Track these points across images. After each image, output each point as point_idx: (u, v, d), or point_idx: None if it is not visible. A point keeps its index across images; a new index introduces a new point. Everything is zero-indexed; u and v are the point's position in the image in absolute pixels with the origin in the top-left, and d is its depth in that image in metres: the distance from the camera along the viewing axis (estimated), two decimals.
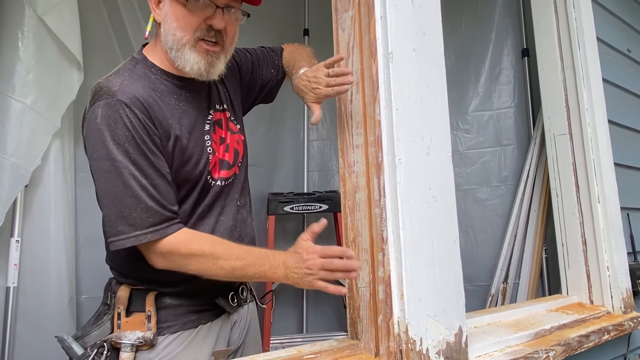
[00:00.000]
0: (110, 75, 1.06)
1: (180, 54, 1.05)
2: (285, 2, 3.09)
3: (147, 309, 1.08)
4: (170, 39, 1.05)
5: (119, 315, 1.09)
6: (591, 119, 1.75)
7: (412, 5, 1.11)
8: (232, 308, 1.20)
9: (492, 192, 2.56)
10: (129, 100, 0.99)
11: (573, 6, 1.83)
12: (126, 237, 0.97)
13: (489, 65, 2.65)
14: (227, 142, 1.21)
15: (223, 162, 1.19)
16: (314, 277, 0.96)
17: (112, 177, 0.97)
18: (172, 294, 1.11)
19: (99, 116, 0.97)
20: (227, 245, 1.04)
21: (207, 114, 1.17)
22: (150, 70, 1.09)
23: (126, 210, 0.97)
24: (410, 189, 1.02)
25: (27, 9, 1.77)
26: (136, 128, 0.98)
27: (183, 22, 1.03)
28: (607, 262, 1.67)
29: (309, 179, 3.10)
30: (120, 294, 1.10)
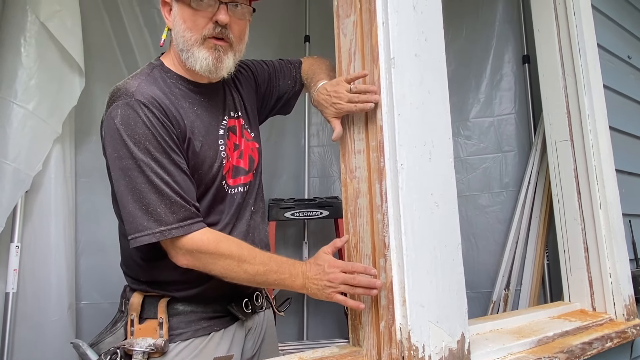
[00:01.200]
0: (127, 79, 1.09)
1: (190, 53, 1.08)
2: (286, 9, 3.11)
3: (159, 316, 1.08)
4: (180, 41, 1.09)
5: (132, 322, 1.10)
6: (592, 126, 1.75)
7: (413, 10, 1.11)
8: (245, 315, 1.19)
9: (494, 199, 2.56)
10: (146, 100, 1.01)
11: (574, 13, 1.83)
12: (152, 233, 0.98)
13: (490, 71, 2.66)
14: (242, 149, 1.22)
15: (238, 169, 1.20)
16: (334, 290, 1.00)
17: (136, 175, 0.98)
18: (185, 299, 1.11)
19: (119, 116, 0.99)
20: (251, 249, 1.05)
21: (222, 119, 1.19)
22: (166, 74, 1.12)
23: (151, 206, 0.98)
24: (412, 195, 1.01)
25: (30, 15, 1.78)
26: (155, 126, 1.00)
27: (190, 23, 1.07)
28: (609, 268, 1.66)
29: (310, 185, 3.09)
30: (133, 300, 1.11)
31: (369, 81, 1.10)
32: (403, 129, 1.03)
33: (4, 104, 1.73)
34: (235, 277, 1.03)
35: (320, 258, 1.03)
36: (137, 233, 0.98)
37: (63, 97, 1.88)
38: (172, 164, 1.01)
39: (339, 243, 1.06)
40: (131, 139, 0.98)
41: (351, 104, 1.10)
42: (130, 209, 0.99)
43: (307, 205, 2.71)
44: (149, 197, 0.98)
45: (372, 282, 0.98)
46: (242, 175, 1.20)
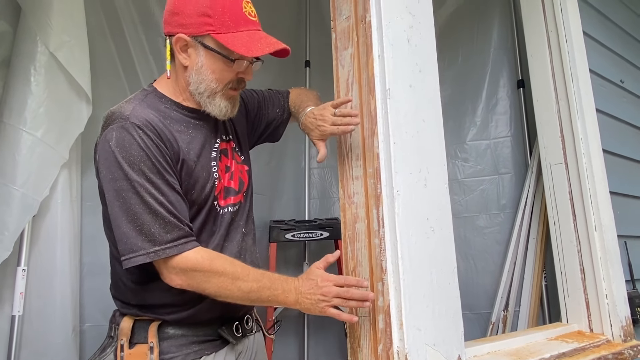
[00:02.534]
0: (121, 103, 1.12)
1: (212, 99, 1.14)
2: (287, 34, 3.18)
3: (149, 340, 1.08)
4: (203, 87, 1.12)
5: (122, 347, 1.09)
6: (586, 149, 1.79)
7: (408, 44, 1.16)
8: (236, 338, 1.19)
9: (491, 220, 2.59)
10: (141, 122, 1.03)
11: (565, 40, 1.89)
12: (146, 253, 0.98)
13: (486, 96, 2.71)
14: (232, 171, 1.25)
15: (229, 189, 1.22)
16: (327, 304, 1.02)
17: (130, 196, 0.99)
18: (176, 323, 1.11)
19: (114, 138, 1.01)
20: (244, 266, 1.07)
21: (214, 142, 1.22)
22: (160, 100, 1.15)
23: (145, 226, 0.99)
24: (408, 220, 1.05)
25: (40, 46, 1.84)
26: (150, 148, 1.02)
27: (220, 75, 1.12)
28: (605, 290, 1.68)
29: (310, 206, 3.13)
30: (124, 325, 1.10)
31: (365, 111, 1.15)
32: (399, 157, 1.07)
33: (14, 131, 1.78)
34: (229, 296, 1.04)
35: (312, 273, 1.05)
36: (132, 253, 0.99)
37: (71, 124, 1.93)
38: (166, 184, 1.03)
39: (331, 258, 1.08)
40: (126, 160, 1.00)
41: (334, 126, 1.19)
42: (124, 230, 1.00)
43: (307, 226, 2.74)
44: (143, 217, 0.99)
45: (365, 294, 1.02)
46: (232, 196, 1.23)
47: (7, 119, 1.80)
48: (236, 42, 1.07)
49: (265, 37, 1.12)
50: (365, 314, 1.09)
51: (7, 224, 1.72)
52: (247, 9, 1.11)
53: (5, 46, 1.94)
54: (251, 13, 1.12)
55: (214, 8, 1.07)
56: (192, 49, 1.11)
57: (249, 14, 1.11)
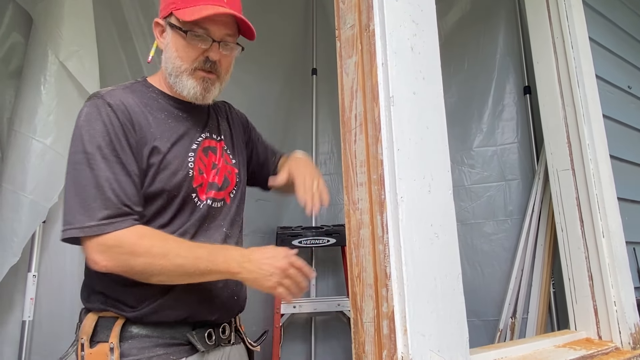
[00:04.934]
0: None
1: (179, 79, 1.14)
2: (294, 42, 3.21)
3: (110, 340, 1.02)
4: (170, 66, 1.14)
5: (82, 346, 1.03)
6: (593, 155, 1.78)
7: (411, 51, 1.17)
8: (206, 346, 1.11)
9: (498, 227, 2.58)
10: (113, 101, 1.05)
11: (571, 46, 1.89)
12: (80, 227, 0.96)
13: (492, 102, 2.72)
14: (219, 168, 1.24)
15: (212, 184, 1.21)
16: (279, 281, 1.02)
17: (82, 169, 0.99)
18: (140, 321, 1.05)
19: (83, 114, 1.04)
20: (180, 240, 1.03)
21: (198, 136, 1.21)
22: (148, 89, 1.17)
23: (88, 199, 0.97)
24: (412, 226, 1.05)
25: (50, 55, 1.87)
26: (113, 125, 1.03)
27: (182, 53, 1.12)
28: (613, 297, 1.67)
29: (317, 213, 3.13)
30: (86, 322, 1.06)
31: (369, 118, 1.16)
32: (402, 163, 1.08)
33: (24, 139, 1.82)
34: (160, 272, 0.97)
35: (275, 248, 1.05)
36: (68, 225, 0.96)
37: None
38: (119, 163, 1.01)
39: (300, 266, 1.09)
40: (87, 134, 1.01)
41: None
42: (70, 202, 0.98)
43: (314, 233, 2.75)
44: (87, 190, 0.97)
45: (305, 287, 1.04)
46: (214, 190, 1.21)
47: (17, 127, 1.83)
48: (187, 13, 1.08)
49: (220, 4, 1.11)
50: (369, 320, 1.09)
51: (16, 230, 1.75)
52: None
53: (17, 56, 1.99)
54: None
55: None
56: (165, 30, 1.14)
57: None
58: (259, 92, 2.88)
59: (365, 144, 1.17)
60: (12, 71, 1.99)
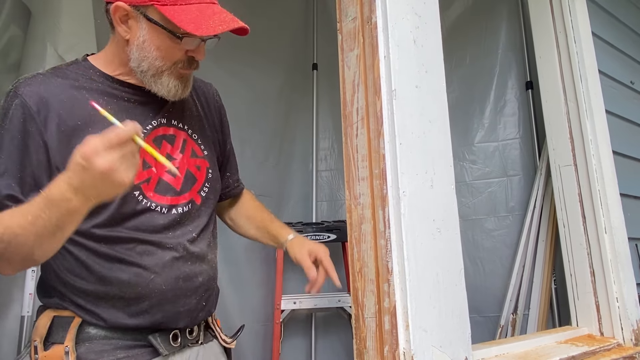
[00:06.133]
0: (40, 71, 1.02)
1: (157, 79, 1.02)
2: (294, 37, 3.20)
3: (65, 343, 0.94)
4: (145, 64, 1.00)
5: (35, 349, 0.95)
6: (595, 150, 1.77)
7: (414, 44, 1.16)
8: (170, 349, 1.03)
9: (500, 222, 2.57)
10: (25, 93, 0.94)
11: (574, 41, 1.88)
12: None
13: (494, 97, 2.70)
14: (177, 165, 1.09)
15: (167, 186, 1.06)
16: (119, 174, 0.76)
17: None
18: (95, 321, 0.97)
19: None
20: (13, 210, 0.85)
21: (148, 123, 1.06)
22: (87, 71, 1.03)
23: None
24: (414, 221, 1.04)
25: (49, 49, 1.86)
26: (12, 118, 0.93)
27: (166, 53, 0.99)
28: (616, 293, 1.66)
29: (318, 208, 3.13)
30: (39, 322, 0.98)
31: (371, 112, 1.15)
32: (405, 158, 1.07)
33: None
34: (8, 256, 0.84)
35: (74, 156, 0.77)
36: None
37: None
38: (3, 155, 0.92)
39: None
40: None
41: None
42: None
43: (315, 229, 2.74)
44: None
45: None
46: (169, 195, 1.06)
47: None
48: (184, 17, 0.93)
49: (220, 12, 0.99)
50: (371, 315, 1.08)
51: None
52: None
53: (16, 50, 1.97)
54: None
55: None
56: (133, 20, 0.97)
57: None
58: (259, 87, 2.87)
59: (367, 138, 1.16)
60: (11, 65, 1.97)
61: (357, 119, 1.20)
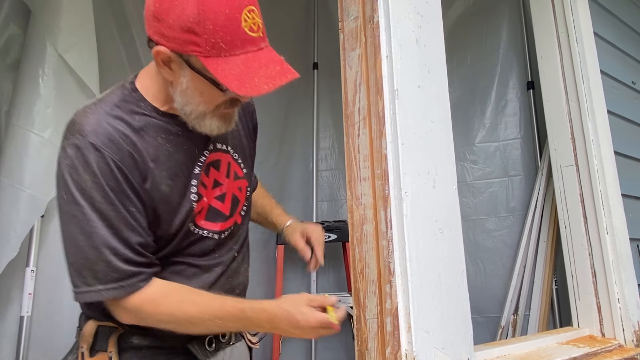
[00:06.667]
0: (89, 106, 0.98)
1: (199, 120, 0.99)
2: (295, 37, 3.19)
3: (109, 350, 0.98)
4: (189, 108, 0.97)
5: (82, 355, 1.00)
6: (597, 151, 1.77)
7: (416, 44, 1.15)
8: (207, 354, 1.08)
9: (501, 223, 2.56)
10: (100, 142, 0.90)
11: (576, 41, 1.87)
12: (88, 290, 0.90)
13: (495, 97, 2.70)
14: (225, 190, 1.11)
15: (217, 212, 1.09)
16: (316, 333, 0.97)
17: (76, 225, 0.90)
18: (140, 332, 1.01)
19: (68, 157, 0.91)
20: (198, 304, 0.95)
21: (201, 154, 1.07)
22: (138, 104, 1.00)
23: (89, 261, 0.90)
24: (416, 222, 1.04)
25: (49, 47, 1.85)
26: (105, 174, 0.90)
27: (209, 98, 0.96)
28: (617, 294, 1.66)
29: (318, 208, 3.12)
30: (86, 329, 1.02)
31: (373, 112, 1.14)
32: (407, 158, 1.06)
33: (22, 132, 1.79)
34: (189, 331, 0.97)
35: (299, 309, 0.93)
36: (75, 288, 0.91)
37: None
38: (118, 217, 0.91)
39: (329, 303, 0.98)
40: (77, 185, 0.89)
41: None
42: (69, 260, 0.92)
43: None
44: (88, 252, 0.89)
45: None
46: (220, 221, 1.09)
47: (15, 120, 1.81)
48: (228, 73, 0.88)
49: (267, 62, 0.93)
50: (372, 317, 1.07)
51: (14, 224, 1.73)
52: (247, 21, 0.90)
53: (15, 49, 1.96)
54: (253, 27, 0.91)
55: (202, 24, 0.86)
56: (175, 64, 0.93)
57: (249, 29, 0.90)
58: None
59: (369, 138, 1.16)
60: (10, 64, 1.96)
61: (358, 118, 1.19)
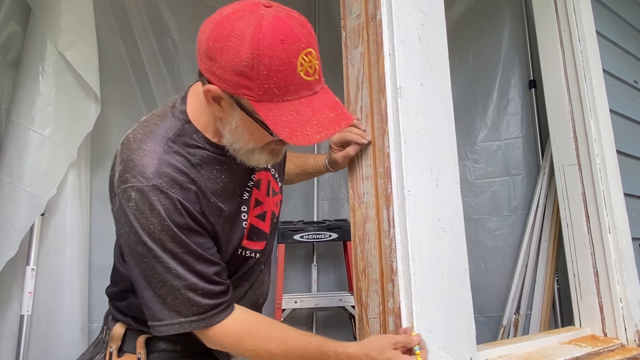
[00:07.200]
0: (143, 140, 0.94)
1: (248, 155, 0.98)
2: None
3: (137, 351, 1.01)
4: (238, 145, 0.96)
5: (110, 355, 1.03)
6: (599, 150, 1.76)
7: (419, 42, 1.15)
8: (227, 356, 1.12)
9: (502, 222, 2.55)
10: (165, 184, 0.89)
11: (578, 39, 1.86)
12: (170, 324, 0.91)
13: (497, 96, 2.68)
14: (265, 209, 1.12)
15: (258, 231, 1.10)
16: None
17: (149, 266, 0.90)
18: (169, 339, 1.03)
19: (132, 200, 0.89)
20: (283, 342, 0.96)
21: (249, 180, 1.08)
22: (192, 136, 0.97)
23: (168, 297, 0.91)
24: (419, 220, 1.03)
25: (49, 45, 1.84)
26: (172, 215, 0.89)
27: (259, 137, 0.94)
28: (619, 293, 1.65)
29: (319, 207, 3.11)
30: (115, 331, 1.05)
31: (375, 110, 1.14)
32: (410, 156, 1.06)
33: (21, 130, 1.79)
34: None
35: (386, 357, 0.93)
36: (156, 322, 0.92)
37: (79, 123, 1.93)
38: (190, 253, 0.91)
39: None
40: (146, 229, 0.89)
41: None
42: (145, 296, 0.92)
43: (316, 227, 2.73)
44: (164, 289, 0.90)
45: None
46: (261, 240, 1.11)
47: (15, 118, 1.81)
48: (279, 119, 0.84)
49: (320, 110, 0.88)
50: (375, 316, 1.07)
51: (13, 222, 1.73)
52: (304, 65, 0.85)
53: (15, 46, 1.96)
54: (309, 70, 0.86)
55: (256, 69, 0.81)
56: (225, 102, 0.90)
57: (305, 73, 0.86)
58: None
59: (371, 137, 1.15)
60: (10, 61, 1.95)
61: (361, 116, 1.18)
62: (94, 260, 2.10)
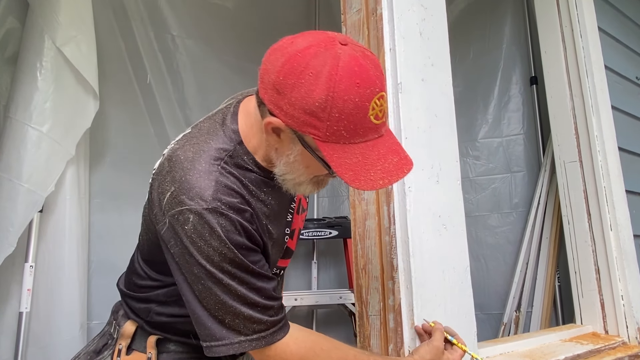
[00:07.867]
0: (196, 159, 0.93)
1: (297, 186, 0.97)
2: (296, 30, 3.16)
3: (148, 351, 1.02)
4: (289, 176, 0.95)
5: (119, 352, 1.03)
6: (601, 147, 1.75)
7: (420, 37, 1.13)
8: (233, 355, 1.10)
9: (503, 219, 2.55)
10: (224, 206, 0.88)
11: (580, 35, 1.85)
12: (229, 343, 0.89)
13: (498, 92, 2.67)
14: (294, 227, 1.11)
15: (289, 250, 1.12)
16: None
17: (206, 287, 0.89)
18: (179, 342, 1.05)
19: (190, 223, 0.88)
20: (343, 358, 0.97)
21: (292, 202, 1.08)
22: (243, 158, 0.96)
23: (227, 317, 0.90)
24: (419, 217, 1.02)
25: (47, 41, 1.83)
26: (232, 237, 0.89)
27: (313, 170, 0.93)
28: (621, 291, 1.65)
29: (319, 204, 3.10)
30: (126, 329, 1.05)
31: None
32: (410, 152, 1.04)
33: (19, 126, 1.78)
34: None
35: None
36: (214, 342, 0.90)
37: (77, 119, 1.92)
38: (249, 272, 0.90)
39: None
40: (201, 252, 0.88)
41: None
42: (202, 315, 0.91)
43: (316, 225, 2.72)
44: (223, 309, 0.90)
45: None
46: (289, 257, 1.12)
47: (13, 114, 1.80)
48: (343, 162, 0.83)
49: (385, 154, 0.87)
50: (375, 313, 1.06)
51: (11, 219, 1.72)
52: (375, 109, 0.83)
53: (13, 42, 1.95)
54: (379, 114, 0.84)
55: (328, 111, 0.79)
56: (286, 135, 0.88)
57: (375, 117, 0.83)
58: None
59: None
60: (8, 57, 1.94)
61: None
62: (93, 257, 2.09)
